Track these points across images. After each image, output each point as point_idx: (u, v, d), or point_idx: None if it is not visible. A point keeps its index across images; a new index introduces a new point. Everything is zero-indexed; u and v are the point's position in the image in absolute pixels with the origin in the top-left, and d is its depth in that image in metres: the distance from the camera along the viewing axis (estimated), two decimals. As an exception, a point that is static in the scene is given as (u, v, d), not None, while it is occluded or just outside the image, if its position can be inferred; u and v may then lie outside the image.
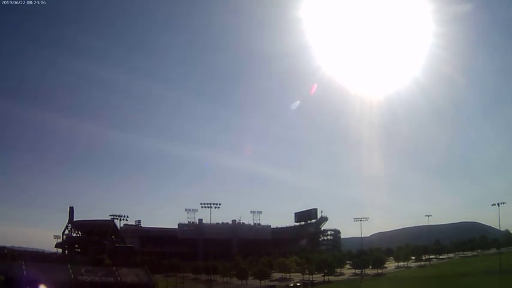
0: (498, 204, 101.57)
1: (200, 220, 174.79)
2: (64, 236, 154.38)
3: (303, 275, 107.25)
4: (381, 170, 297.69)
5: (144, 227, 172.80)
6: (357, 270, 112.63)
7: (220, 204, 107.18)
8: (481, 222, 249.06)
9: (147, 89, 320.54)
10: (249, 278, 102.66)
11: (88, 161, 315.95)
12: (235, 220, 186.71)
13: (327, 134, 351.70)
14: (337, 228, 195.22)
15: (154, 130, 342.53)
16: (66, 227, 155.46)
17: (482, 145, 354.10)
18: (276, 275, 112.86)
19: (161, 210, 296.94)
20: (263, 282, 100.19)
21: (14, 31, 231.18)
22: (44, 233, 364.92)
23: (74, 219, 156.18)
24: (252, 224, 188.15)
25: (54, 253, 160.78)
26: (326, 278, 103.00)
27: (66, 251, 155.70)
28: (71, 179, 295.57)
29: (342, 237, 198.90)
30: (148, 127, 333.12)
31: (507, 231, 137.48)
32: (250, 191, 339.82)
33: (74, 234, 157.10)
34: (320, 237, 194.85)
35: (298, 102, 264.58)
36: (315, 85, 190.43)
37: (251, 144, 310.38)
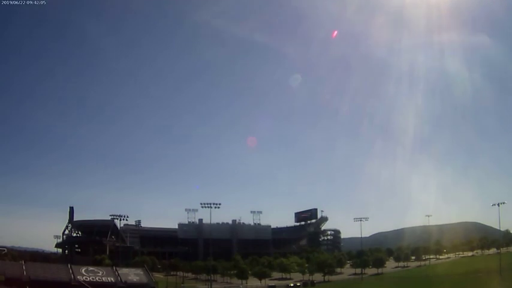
0: (498, 204, 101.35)
1: (200, 220, 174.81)
2: (64, 236, 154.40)
3: (303, 275, 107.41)
4: (381, 170, 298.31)
5: (144, 227, 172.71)
6: (356, 270, 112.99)
7: (220, 204, 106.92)
8: (481, 222, 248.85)
9: (147, 89, 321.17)
10: (249, 277, 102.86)
11: (88, 161, 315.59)
12: (235, 220, 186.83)
13: (326, 132, 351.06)
14: (337, 228, 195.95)
15: (155, 130, 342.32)
16: (66, 227, 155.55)
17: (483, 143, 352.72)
18: (276, 274, 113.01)
19: (161, 210, 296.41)
20: (263, 282, 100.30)
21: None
22: (44, 233, 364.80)
23: (74, 219, 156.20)
24: (252, 224, 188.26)
25: (54, 253, 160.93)
26: (326, 277, 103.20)
27: (66, 251, 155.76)
28: (71, 179, 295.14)
29: (342, 237, 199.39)
30: (148, 127, 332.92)
31: (507, 231, 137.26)
32: (250, 191, 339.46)
33: (74, 234, 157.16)
34: (320, 237, 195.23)
35: (299, 76, 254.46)
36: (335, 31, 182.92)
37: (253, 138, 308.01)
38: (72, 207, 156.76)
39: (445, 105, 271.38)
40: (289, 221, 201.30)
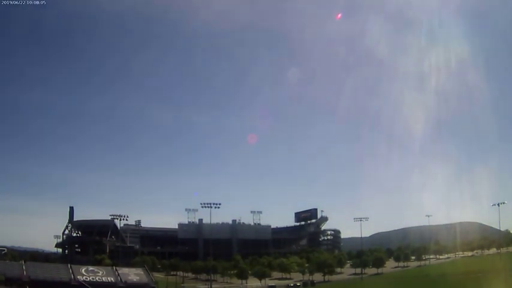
0: (498, 204, 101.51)
1: (200, 220, 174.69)
2: (64, 236, 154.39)
3: (303, 274, 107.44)
4: (381, 170, 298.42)
5: (144, 227, 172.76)
6: (356, 270, 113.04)
7: (220, 204, 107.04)
8: (481, 222, 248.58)
9: (148, 90, 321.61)
10: (249, 277, 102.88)
11: (88, 161, 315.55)
12: (235, 220, 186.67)
13: (326, 132, 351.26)
14: (337, 228, 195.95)
15: (155, 130, 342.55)
16: (66, 227, 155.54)
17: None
18: (276, 274, 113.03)
19: (161, 210, 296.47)
20: (263, 282, 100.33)
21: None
22: (44, 233, 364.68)
23: (74, 219, 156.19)
24: (252, 224, 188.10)
25: (54, 253, 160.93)
26: (326, 277, 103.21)
27: (66, 251, 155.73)
28: (71, 179, 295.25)
29: (342, 237, 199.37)
30: (149, 128, 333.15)
31: (507, 231, 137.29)
32: (250, 191, 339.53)
33: (74, 234, 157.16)
34: (320, 237, 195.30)
35: (298, 72, 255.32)
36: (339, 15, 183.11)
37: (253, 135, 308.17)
38: (72, 207, 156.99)
39: (446, 105, 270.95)
40: (289, 221, 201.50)
